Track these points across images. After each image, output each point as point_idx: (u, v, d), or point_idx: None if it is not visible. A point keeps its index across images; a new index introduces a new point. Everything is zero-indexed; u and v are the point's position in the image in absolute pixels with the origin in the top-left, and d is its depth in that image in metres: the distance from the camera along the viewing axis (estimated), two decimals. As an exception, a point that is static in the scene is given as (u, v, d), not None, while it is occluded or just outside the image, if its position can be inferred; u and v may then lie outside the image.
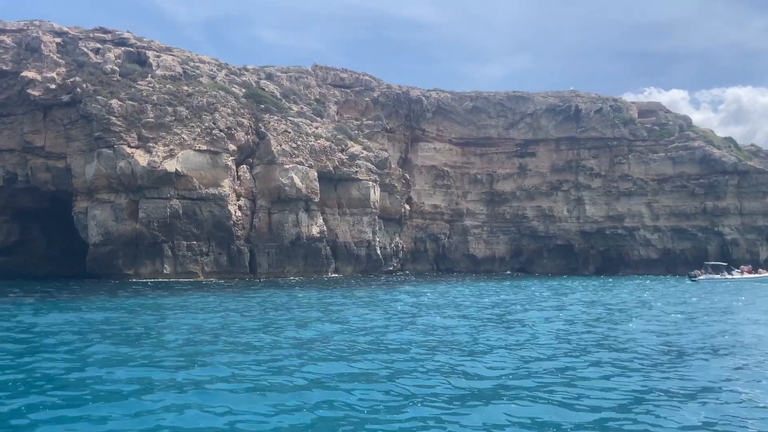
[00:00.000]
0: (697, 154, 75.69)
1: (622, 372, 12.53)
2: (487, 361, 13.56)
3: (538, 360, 13.71)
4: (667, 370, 12.82)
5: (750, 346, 16.30)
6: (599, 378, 11.99)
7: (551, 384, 11.33)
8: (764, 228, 73.98)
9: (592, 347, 15.59)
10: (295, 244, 48.49)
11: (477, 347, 15.29)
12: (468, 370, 12.40)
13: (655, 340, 17.04)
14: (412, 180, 75.06)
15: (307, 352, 14.13)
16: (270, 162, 47.59)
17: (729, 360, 14.21)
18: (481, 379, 11.80)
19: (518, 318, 22.22)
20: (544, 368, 12.73)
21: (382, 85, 71.73)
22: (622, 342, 16.61)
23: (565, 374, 12.21)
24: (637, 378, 12.02)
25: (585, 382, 11.61)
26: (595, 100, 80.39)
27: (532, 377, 11.88)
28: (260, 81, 56.45)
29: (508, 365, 13.05)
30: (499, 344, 15.81)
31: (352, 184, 54.39)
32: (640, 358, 14.13)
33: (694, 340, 17.31)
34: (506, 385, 11.25)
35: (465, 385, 11.13)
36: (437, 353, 14.17)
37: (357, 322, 20.22)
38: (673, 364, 13.68)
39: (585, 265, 79.31)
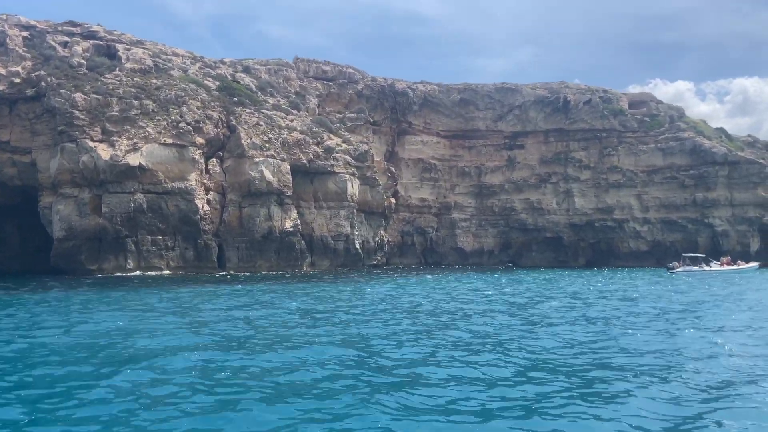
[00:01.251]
0: (687, 145, 73.30)
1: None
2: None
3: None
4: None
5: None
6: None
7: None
8: (755, 219, 71.51)
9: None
10: (267, 238, 46.97)
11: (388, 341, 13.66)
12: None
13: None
14: (399, 173, 73.36)
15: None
16: (240, 155, 46.06)
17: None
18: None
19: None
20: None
21: (366, 78, 69.87)
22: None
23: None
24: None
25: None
26: (584, 91, 78.09)
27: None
28: (236, 74, 54.83)
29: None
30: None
31: (328, 178, 52.74)
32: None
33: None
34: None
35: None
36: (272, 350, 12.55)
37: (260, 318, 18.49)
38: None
39: (575, 258, 77.24)
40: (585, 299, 25.74)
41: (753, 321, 18.57)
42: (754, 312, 21.31)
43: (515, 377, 10.66)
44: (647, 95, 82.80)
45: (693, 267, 55.77)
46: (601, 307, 22.62)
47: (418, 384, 10.05)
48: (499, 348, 13.42)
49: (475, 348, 13.39)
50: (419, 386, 9.89)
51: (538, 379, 10.43)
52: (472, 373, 10.83)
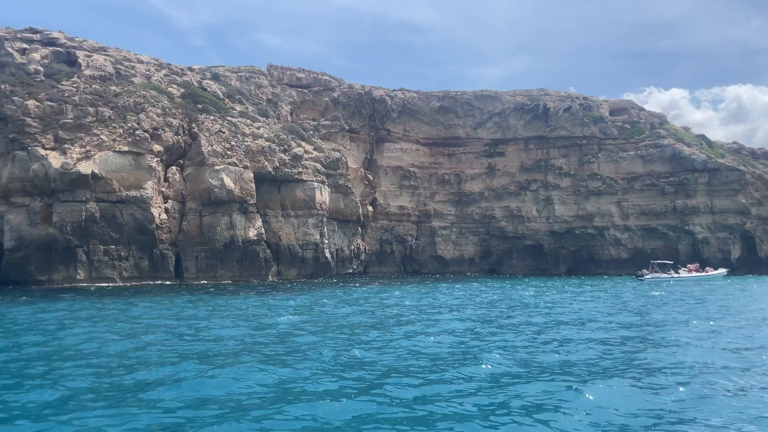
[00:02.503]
0: (667, 152, 71.38)
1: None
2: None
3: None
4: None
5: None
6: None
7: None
8: (736, 226, 69.49)
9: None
10: (229, 247, 45.09)
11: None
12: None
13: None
14: (378, 181, 71.53)
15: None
16: (200, 163, 44.25)
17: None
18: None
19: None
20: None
21: (343, 85, 68.15)
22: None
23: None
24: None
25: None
26: (564, 98, 76.28)
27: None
28: (203, 81, 53.10)
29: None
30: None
31: (296, 185, 50.88)
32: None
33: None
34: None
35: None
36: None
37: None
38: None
39: (555, 266, 75.22)
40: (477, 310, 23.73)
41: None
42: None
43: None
44: (628, 102, 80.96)
45: (661, 274, 53.97)
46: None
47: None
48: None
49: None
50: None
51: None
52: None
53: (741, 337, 16.48)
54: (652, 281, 50.37)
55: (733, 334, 17.01)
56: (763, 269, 72.18)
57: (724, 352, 13.90)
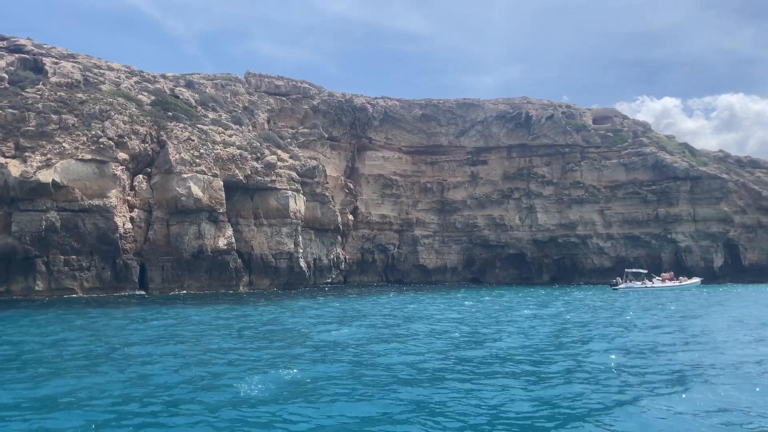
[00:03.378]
0: (650, 160, 70.33)
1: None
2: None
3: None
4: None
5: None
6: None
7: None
8: (719, 235, 68.34)
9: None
10: (198, 257, 43.71)
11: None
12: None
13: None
14: (359, 190, 70.34)
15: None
16: (168, 171, 42.95)
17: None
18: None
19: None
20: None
21: (323, 93, 67.04)
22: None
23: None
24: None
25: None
26: (546, 106, 75.31)
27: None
28: (176, 88, 51.92)
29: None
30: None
31: (269, 194, 49.58)
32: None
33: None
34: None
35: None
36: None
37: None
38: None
39: (539, 275, 73.99)
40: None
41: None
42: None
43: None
44: (612, 111, 79.99)
45: (635, 283, 52.86)
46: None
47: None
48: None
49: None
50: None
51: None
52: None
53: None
54: (626, 290, 49.27)
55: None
56: (746, 278, 70.92)
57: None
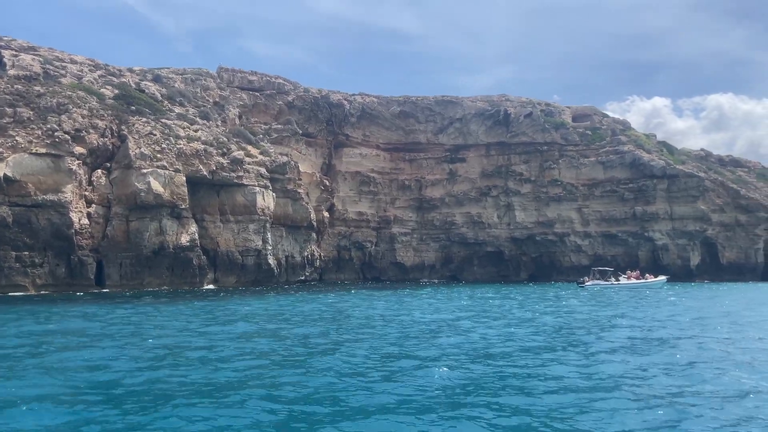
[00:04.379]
0: (627, 158, 69.31)
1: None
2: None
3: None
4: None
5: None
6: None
7: None
8: (695, 233, 67.41)
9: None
10: (159, 253, 42.44)
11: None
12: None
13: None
14: (336, 186, 69.09)
15: None
16: (127, 166, 41.64)
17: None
18: None
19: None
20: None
21: (298, 89, 65.72)
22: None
23: None
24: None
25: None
26: (525, 104, 74.15)
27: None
28: (142, 82, 50.62)
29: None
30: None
31: (236, 190, 48.35)
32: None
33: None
34: None
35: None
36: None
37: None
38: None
39: (517, 272, 72.92)
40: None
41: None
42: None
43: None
44: (591, 109, 78.89)
45: (602, 281, 51.92)
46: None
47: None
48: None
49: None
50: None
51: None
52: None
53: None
54: (592, 288, 48.36)
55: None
56: (725, 276, 70.12)
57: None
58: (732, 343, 16.47)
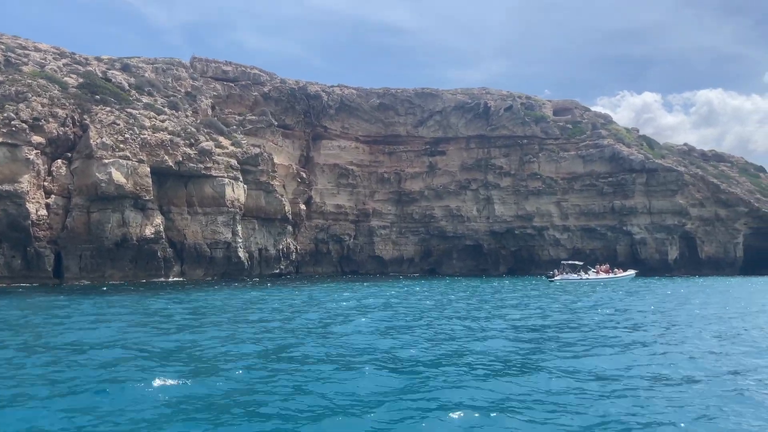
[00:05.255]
0: (607, 152, 68.47)
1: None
2: None
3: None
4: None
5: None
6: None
7: None
8: (674, 227, 66.74)
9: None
10: (121, 245, 41.31)
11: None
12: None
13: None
14: (314, 179, 68.02)
15: None
16: (88, 156, 40.41)
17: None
18: None
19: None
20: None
21: (274, 80, 64.47)
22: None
23: None
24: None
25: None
26: (505, 97, 73.17)
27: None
28: (109, 71, 49.31)
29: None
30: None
31: (205, 181, 47.22)
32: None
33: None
34: None
35: None
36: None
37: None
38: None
39: (495, 266, 72.11)
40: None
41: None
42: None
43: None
44: (572, 102, 77.95)
45: (571, 275, 51.18)
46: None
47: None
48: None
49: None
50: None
51: None
52: None
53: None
54: (562, 282, 47.62)
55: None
56: (704, 270, 69.62)
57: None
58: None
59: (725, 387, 9.98)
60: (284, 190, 61.71)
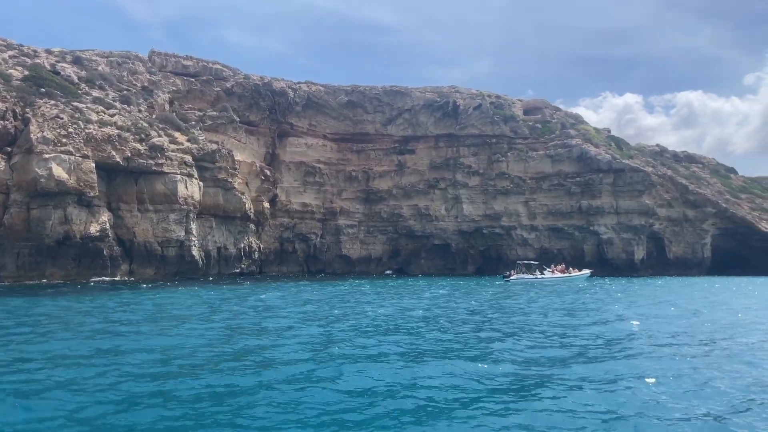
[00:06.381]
0: (575, 152, 67.64)
1: None
2: None
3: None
4: None
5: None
6: None
7: None
8: (640, 227, 66.05)
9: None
10: (63, 243, 39.59)
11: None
12: None
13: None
14: (280, 177, 66.49)
15: None
16: (28, 151, 38.64)
17: None
18: None
19: None
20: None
21: (238, 75, 62.87)
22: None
23: None
24: None
25: None
26: (474, 96, 72.09)
27: None
28: (59, 64, 47.55)
29: None
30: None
31: (156, 178, 45.55)
32: None
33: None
34: None
35: None
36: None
37: None
38: None
39: (464, 266, 71.09)
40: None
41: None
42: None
43: None
44: (542, 102, 77.12)
45: (527, 275, 50.31)
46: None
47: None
48: None
49: None
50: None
51: None
52: None
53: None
54: (517, 282, 46.71)
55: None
56: (671, 270, 69.17)
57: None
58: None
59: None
60: (247, 188, 60.20)
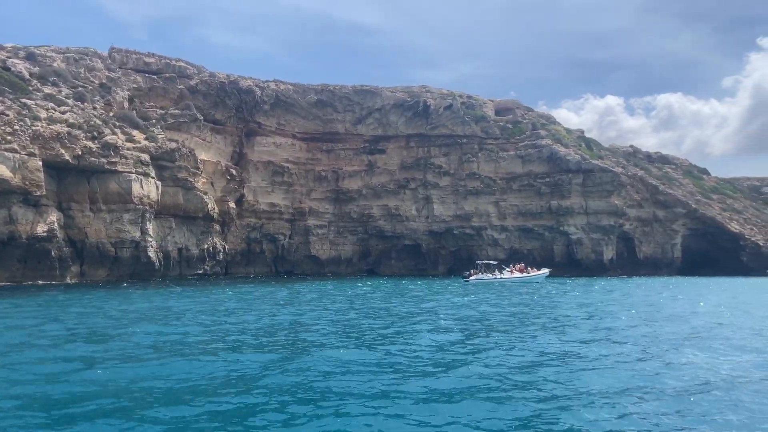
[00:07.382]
0: (545, 152, 66.97)
1: None
2: None
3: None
4: None
5: None
6: None
7: None
8: (610, 227, 65.52)
9: None
10: (8, 244, 37.98)
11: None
12: None
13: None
14: (247, 176, 65.12)
15: None
16: (-30, 148, 37.23)
17: None
18: None
19: None
20: None
21: (203, 73, 61.40)
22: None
23: None
24: None
25: None
26: (445, 96, 71.13)
27: None
28: (10, 60, 45.88)
29: None
30: None
31: (110, 177, 44.03)
32: None
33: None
34: None
35: None
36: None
37: None
38: None
39: (434, 266, 70.12)
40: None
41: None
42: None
43: None
44: (514, 102, 76.44)
45: (486, 275, 49.49)
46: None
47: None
48: None
49: None
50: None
51: None
52: None
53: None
54: (476, 282, 45.85)
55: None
56: (641, 271, 68.81)
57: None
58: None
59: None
60: (212, 188, 58.83)
